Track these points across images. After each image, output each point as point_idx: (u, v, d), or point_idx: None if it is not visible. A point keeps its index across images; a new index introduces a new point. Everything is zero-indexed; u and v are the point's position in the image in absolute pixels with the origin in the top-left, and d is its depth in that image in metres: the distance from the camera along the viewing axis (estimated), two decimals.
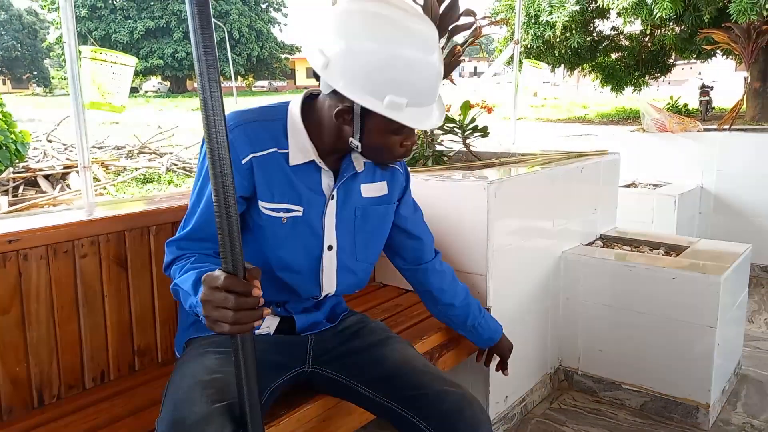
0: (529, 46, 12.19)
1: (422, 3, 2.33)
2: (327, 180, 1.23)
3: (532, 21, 12.07)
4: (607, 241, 2.48)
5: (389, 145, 1.16)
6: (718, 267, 1.99)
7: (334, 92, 1.10)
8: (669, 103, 13.02)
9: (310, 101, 1.21)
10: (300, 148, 1.18)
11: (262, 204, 1.18)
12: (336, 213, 1.25)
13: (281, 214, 1.20)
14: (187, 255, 1.16)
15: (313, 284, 1.28)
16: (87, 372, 1.38)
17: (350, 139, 1.15)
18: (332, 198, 1.24)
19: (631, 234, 2.52)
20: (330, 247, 1.26)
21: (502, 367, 1.68)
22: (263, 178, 1.16)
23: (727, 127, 3.99)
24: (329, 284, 1.30)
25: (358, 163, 1.25)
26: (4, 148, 6.84)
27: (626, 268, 2.08)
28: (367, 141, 1.14)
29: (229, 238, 0.88)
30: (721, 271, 1.94)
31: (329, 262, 1.27)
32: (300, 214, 1.21)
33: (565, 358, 2.27)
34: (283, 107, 1.22)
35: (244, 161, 1.14)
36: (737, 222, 3.65)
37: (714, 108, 13.82)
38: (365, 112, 1.10)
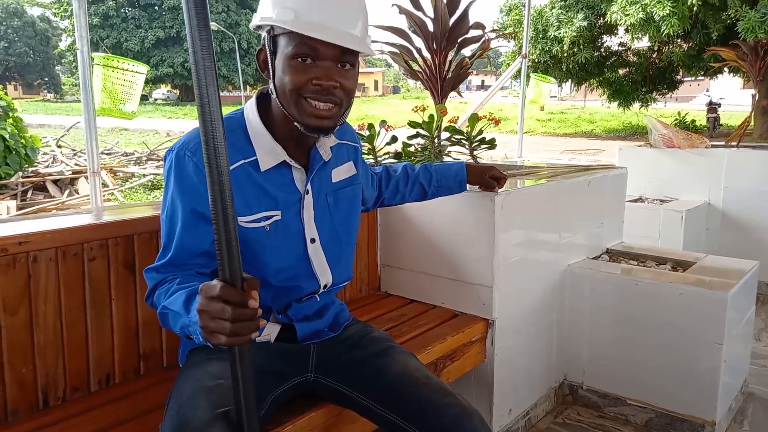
0: (536, 60, 12.25)
1: (433, 16, 2.35)
2: (299, 176, 1.24)
3: (540, 36, 12.14)
4: (614, 255, 2.47)
5: (299, 84, 1.10)
6: (725, 283, 1.98)
7: (260, 50, 1.17)
8: (676, 119, 13.02)
9: (263, 102, 1.21)
10: (268, 152, 1.18)
11: (241, 219, 1.17)
12: (312, 205, 1.26)
13: (263, 223, 1.20)
14: (169, 278, 1.14)
15: (309, 279, 1.29)
16: (92, 375, 1.39)
17: (269, 88, 1.16)
18: (307, 193, 1.25)
19: (638, 249, 2.51)
20: (313, 240, 1.27)
21: (498, 184, 1.76)
22: (237, 193, 1.14)
23: (734, 143, 3.99)
24: (324, 275, 1.30)
25: (325, 150, 1.26)
26: (14, 152, 6.91)
27: (632, 282, 2.07)
28: (279, 84, 1.12)
29: (226, 247, 0.86)
30: (728, 288, 1.93)
31: (316, 254, 1.28)
32: (279, 217, 1.21)
33: (570, 372, 2.26)
34: (239, 115, 1.21)
35: None
36: (745, 239, 3.63)
37: (721, 125, 13.81)
38: (274, 48, 1.12)
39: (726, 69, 11.90)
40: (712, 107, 13.68)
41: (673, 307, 1.99)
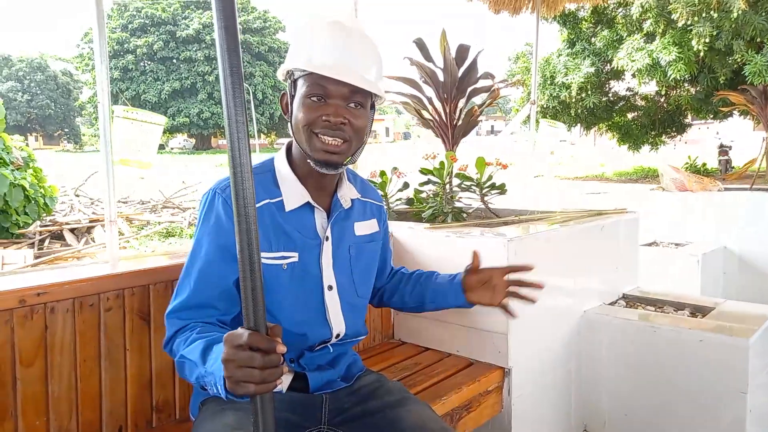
0: (545, 106, 12.41)
1: (443, 67, 2.41)
2: (320, 220, 1.28)
3: (548, 82, 12.32)
4: (630, 300, 2.44)
5: (310, 120, 1.18)
6: (746, 329, 1.94)
7: (283, 94, 1.28)
8: (687, 163, 13.02)
9: (290, 152, 1.30)
10: (294, 193, 1.25)
11: (262, 255, 1.19)
12: (332, 253, 1.29)
13: (280, 261, 1.23)
14: (190, 325, 1.14)
15: (322, 326, 1.29)
16: (105, 427, 1.37)
17: (289, 129, 1.24)
18: (327, 239, 1.28)
19: (654, 294, 2.47)
20: (330, 287, 1.29)
21: (523, 288, 1.47)
22: (260, 230, 1.19)
23: (748, 186, 3.98)
24: (338, 323, 1.30)
25: (345, 200, 1.31)
26: (33, 201, 7.04)
27: (651, 329, 2.03)
28: (295, 122, 1.21)
29: (252, 294, 0.87)
30: (750, 334, 1.89)
31: (332, 301, 1.29)
32: (296, 260, 1.24)
33: (590, 423, 2.19)
34: (269, 161, 1.31)
35: None
36: (764, 282, 3.56)
37: (733, 167, 13.77)
38: (293, 91, 1.21)
39: (736, 112, 11.96)
40: (723, 150, 13.67)
41: (694, 355, 1.94)
